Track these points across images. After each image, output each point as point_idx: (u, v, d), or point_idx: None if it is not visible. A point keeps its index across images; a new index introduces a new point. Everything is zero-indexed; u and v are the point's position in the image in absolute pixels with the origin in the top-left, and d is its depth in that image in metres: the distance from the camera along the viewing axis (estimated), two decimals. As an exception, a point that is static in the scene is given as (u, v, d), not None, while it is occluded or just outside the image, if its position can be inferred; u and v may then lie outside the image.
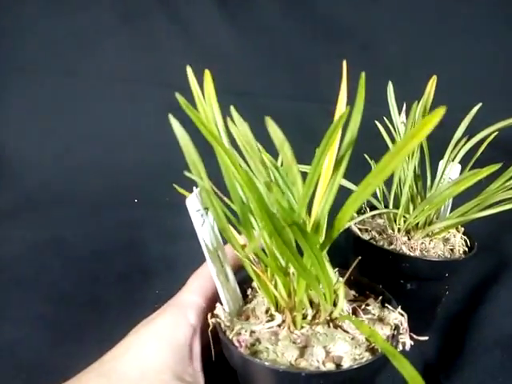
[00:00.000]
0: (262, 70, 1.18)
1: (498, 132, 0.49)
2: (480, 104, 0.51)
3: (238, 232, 0.35)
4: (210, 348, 0.36)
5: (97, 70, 1.14)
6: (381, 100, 0.54)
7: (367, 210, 0.56)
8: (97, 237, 0.78)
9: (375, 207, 0.54)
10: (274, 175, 0.34)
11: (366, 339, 0.33)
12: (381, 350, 0.31)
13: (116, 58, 1.14)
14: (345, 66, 0.32)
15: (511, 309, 0.54)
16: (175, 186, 0.38)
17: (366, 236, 0.53)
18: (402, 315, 0.34)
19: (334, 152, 0.31)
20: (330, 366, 0.30)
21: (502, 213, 0.45)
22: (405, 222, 0.52)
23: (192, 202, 0.33)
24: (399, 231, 0.52)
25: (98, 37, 1.13)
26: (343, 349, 0.32)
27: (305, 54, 1.16)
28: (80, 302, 0.60)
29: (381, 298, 0.38)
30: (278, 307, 0.34)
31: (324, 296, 0.32)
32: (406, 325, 0.34)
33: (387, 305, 0.36)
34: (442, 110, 0.22)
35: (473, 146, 0.51)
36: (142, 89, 1.14)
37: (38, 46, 1.11)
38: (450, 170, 0.53)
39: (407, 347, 0.32)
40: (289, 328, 0.33)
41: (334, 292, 0.33)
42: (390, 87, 0.54)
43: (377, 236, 0.53)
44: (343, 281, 0.35)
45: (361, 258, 0.36)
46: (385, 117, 0.55)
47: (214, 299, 0.37)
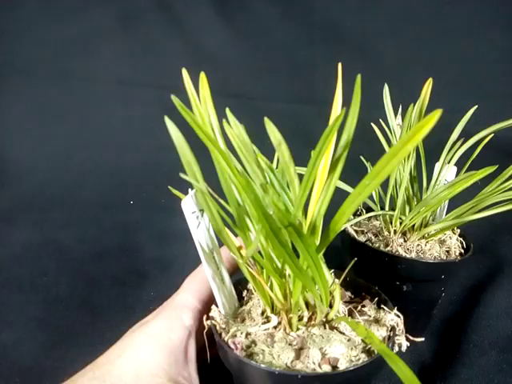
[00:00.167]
0: (259, 73, 1.18)
1: (493, 134, 0.49)
2: (476, 106, 0.51)
3: (234, 234, 0.35)
4: (206, 350, 0.35)
5: (95, 72, 1.14)
6: (377, 103, 0.54)
7: (363, 211, 0.56)
8: (92, 239, 0.78)
9: (371, 209, 0.54)
10: (269, 178, 0.34)
11: (363, 341, 0.33)
12: (377, 352, 0.31)
13: (114, 60, 1.14)
14: (340, 68, 0.32)
15: (507, 310, 0.54)
16: (170, 188, 0.38)
17: (362, 238, 0.53)
18: (398, 316, 0.34)
19: (330, 154, 0.31)
20: (326, 368, 0.30)
21: (497, 215, 0.46)
22: (401, 224, 0.52)
23: (187, 204, 0.33)
24: (395, 233, 0.52)
25: (96, 40, 1.13)
26: (339, 350, 0.31)
27: (302, 56, 1.16)
28: (74, 305, 0.59)
29: (377, 299, 0.37)
30: (273, 309, 0.34)
31: (320, 297, 0.32)
32: (402, 326, 0.34)
33: (383, 306, 0.36)
34: (438, 113, 0.22)
35: (469, 148, 0.52)
36: (140, 91, 1.14)
37: (37, 48, 1.11)
38: (445, 172, 0.53)
39: (403, 348, 0.32)
40: (285, 330, 0.33)
41: (330, 293, 0.33)
42: (386, 89, 0.54)
43: (373, 238, 0.53)
44: (339, 282, 0.35)
45: (357, 259, 0.36)
46: (381, 119, 0.55)
47: (210, 301, 0.37)
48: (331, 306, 0.34)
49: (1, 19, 1.09)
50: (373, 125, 0.55)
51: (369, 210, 0.55)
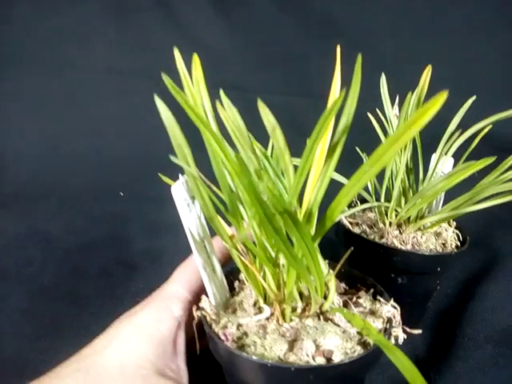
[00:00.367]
0: (255, 65, 1.16)
1: (492, 126, 0.48)
2: (474, 97, 0.50)
3: (227, 223, 0.33)
4: (195, 342, 0.34)
5: (86, 62, 1.11)
6: (373, 95, 0.53)
7: (358, 203, 0.55)
8: (80, 230, 0.76)
9: (366, 201, 0.53)
10: (263, 165, 0.33)
11: (358, 333, 0.32)
12: (373, 344, 0.30)
13: (107, 51, 1.12)
14: (339, 51, 0.31)
15: (502, 304, 0.54)
16: (160, 175, 0.37)
17: (356, 230, 0.52)
18: (395, 308, 0.33)
19: (327, 140, 0.30)
20: (320, 361, 0.29)
21: (492, 209, 0.45)
22: (396, 216, 0.51)
23: (178, 191, 0.31)
24: (390, 225, 0.51)
25: (89, 30, 1.10)
26: (334, 342, 0.30)
27: (297, 49, 1.15)
28: (60, 296, 0.58)
29: (372, 290, 0.36)
30: (266, 300, 0.33)
31: (315, 288, 0.31)
32: (398, 318, 0.33)
33: (379, 297, 0.35)
34: (443, 95, 0.21)
35: (466, 141, 0.51)
36: (132, 82, 1.12)
37: (29, 37, 1.08)
38: (442, 164, 0.52)
39: (400, 341, 0.31)
40: (277, 321, 0.32)
41: (325, 284, 0.32)
42: (383, 79, 0.53)
43: (367, 230, 0.52)
44: (334, 273, 0.34)
45: (353, 249, 0.35)
46: (377, 110, 0.53)
47: (200, 292, 0.36)
48: (326, 298, 0.33)
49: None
50: (369, 114, 0.54)
51: (363, 201, 0.54)
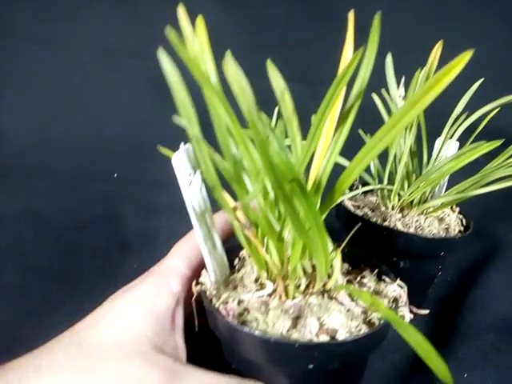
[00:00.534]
0: (251, 50, 1.14)
1: (500, 109, 0.47)
2: (482, 79, 0.49)
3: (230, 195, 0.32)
4: (193, 319, 0.33)
5: (77, 40, 1.08)
6: (375, 80, 0.52)
7: (359, 186, 0.54)
8: (73, 210, 0.74)
9: (368, 184, 0.52)
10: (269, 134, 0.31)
11: (363, 312, 0.30)
12: (379, 323, 0.29)
13: (99, 28, 1.09)
14: (352, 15, 0.30)
15: (504, 292, 0.53)
16: (159, 147, 0.35)
17: (358, 212, 0.51)
18: (401, 287, 0.32)
19: (339, 107, 0.29)
20: (324, 339, 0.28)
21: (495, 196, 0.44)
22: (399, 200, 0.50)
23: (179, 160, 0.30)
24: (393, 208, 0.50)
25: (82, 5, 1.07)
26: (338, 321, 0.29)
27: (295, 34, 1.13)
28: (52, 275, 0.56)
29: (377, 270, 0.35)
30: (269, 275, 0.32)
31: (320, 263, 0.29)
32: (405, 297, 0.32)
33: (385, 277, 0.34)
34: (468, 54, 0.20)
35: (472, 124, 0.49)
36: (125, 62, 1.09)
37: (16, 12, 1.05)
38: (447, 148, 0.51)
39: (406, 321, 0.30)
40: (280, 298, 0.31)
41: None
42: (389, 59, 0.52)
43: (369, 213, 0.51)
44: (340, 249, 0.32)
45: (354, 233, 0.34)
46: (382, 91, 0.52)
47: (200, 268, 0.34)
48: (329, 277, 0.32)
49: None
50: (374, 95, 0.52)
51: (365, 184, 0.53)
